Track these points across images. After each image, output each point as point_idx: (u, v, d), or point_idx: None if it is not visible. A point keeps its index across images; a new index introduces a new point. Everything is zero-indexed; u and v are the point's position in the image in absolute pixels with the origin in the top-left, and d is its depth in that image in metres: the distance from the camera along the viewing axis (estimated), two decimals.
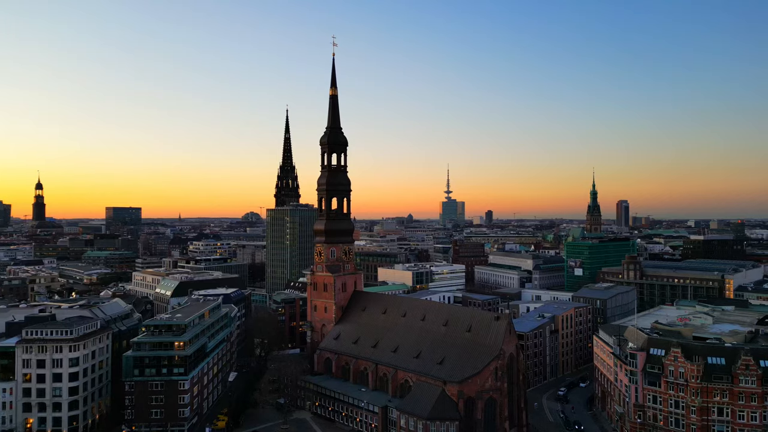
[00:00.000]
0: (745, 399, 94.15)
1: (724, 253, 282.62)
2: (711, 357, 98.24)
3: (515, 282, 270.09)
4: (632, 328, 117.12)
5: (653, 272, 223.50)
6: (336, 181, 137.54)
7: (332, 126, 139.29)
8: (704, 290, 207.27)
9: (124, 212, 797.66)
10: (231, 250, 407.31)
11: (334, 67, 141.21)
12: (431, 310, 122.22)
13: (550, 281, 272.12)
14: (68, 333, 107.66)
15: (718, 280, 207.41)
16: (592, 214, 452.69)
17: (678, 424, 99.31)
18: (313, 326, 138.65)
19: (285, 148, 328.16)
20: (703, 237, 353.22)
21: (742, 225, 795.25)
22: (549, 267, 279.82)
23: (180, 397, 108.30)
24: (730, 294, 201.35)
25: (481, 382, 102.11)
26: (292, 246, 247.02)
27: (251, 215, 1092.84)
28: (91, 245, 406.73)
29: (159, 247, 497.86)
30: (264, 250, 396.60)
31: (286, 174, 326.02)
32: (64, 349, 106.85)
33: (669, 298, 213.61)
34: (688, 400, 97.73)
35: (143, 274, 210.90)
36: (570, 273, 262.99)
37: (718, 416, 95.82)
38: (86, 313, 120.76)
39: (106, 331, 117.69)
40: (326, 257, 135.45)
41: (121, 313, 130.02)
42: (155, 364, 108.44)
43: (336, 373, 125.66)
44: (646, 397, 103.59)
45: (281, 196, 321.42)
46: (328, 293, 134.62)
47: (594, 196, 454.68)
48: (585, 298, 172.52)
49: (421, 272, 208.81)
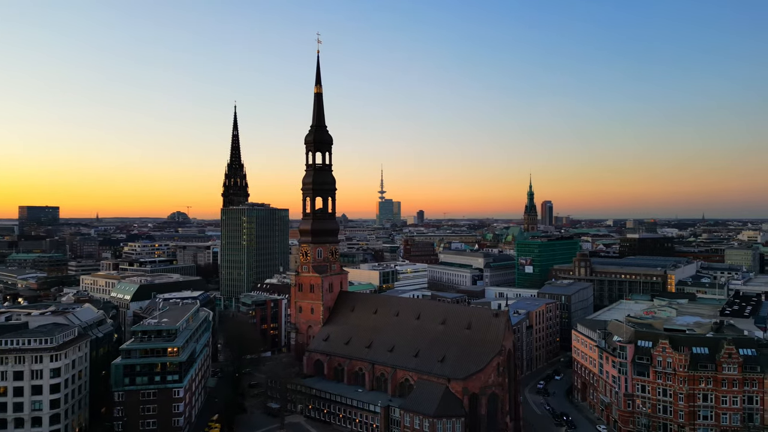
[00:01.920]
0: (728, 385, 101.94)
1: (657, 250, 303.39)
2: (696, 347, 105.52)
3: (468, 280, 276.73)
4: (615, 322, 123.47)
5: (602, 269, 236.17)
6: (321, 180, 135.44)
7: (317, 124, 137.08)
8: (649, 285, 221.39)
9: (39, 211, 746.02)
10: (170, 252, 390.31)
11: (318, 65, 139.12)
12: (426, 309, 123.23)
13: (500, 279, 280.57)
14: (48, 341, 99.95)
15: (662, 275, 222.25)
16: (529, 214, 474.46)
17: (666, 411, 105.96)
18: (298, 328, 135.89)
19: (233, 146, 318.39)
20: (638, 235, 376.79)
21: (654, 224, 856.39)
22: (499, 265, 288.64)
23: (174, 405, 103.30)
24: (672, 288, 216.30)
25: (484, 378, 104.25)
26: (249, 247, 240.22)
27: (178, 215, 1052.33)
28: (14, 247, 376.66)
29: (86, 248, 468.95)
30: (207, 252, 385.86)
31: (235, 172, 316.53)
32: (45, 359, 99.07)
33: (617, 293, 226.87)
34: (676, 388, 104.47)
35: (94, 278, 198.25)
36: (521, 270, 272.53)
37: (703, 402, 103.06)
38: (60, 320, 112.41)
39: (84, 339, 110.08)
40: (313, 257, 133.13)
41: (95, 319, 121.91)
42: (147, 371, 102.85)
43: (328, 375, 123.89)
44: (634, 387, 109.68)
45: (230, 195, 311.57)
46: (314, 294, 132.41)
47: (531, 197, 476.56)
48: (551, 295, 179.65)
49: (387, 272, 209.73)
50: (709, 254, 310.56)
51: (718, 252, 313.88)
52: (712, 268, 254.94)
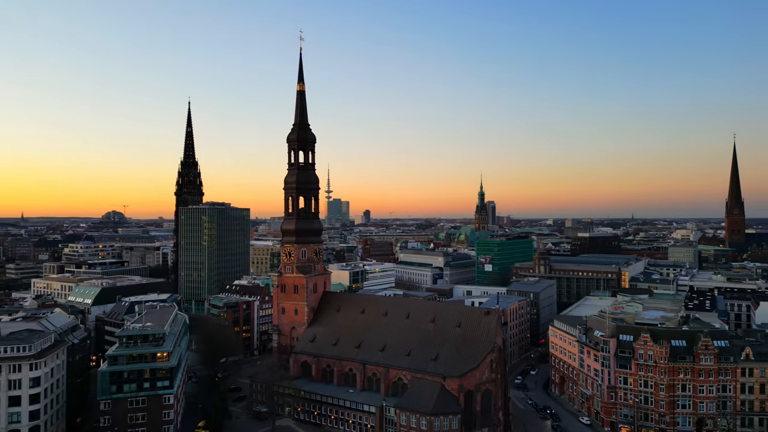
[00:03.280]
0: (705, 375, 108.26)
1: (606, 249, 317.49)
2: (674, 340, 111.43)
3: (428, 279, 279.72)
4: (595, 317, 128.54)
5: (560, 267, 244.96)
6: (305, 179, 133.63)
7: (300, 122, 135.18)
8: (605, 282, 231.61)
9: None
10: (115, 253, 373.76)
11: (301, 62, 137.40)
12: (415, 308, 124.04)
13: (460, 277, 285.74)
14: (27, 349, 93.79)
15: (616, 273, 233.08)
16: (480, 214, 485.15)
17: (647, 401, 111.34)
18: (281, 330, 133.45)
19: (187, 143, 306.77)
20: (588, 234, 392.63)
21: (591, 223, 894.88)
22: (458, 264, 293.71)
23: (164, 412, 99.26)
24: (626, 284, 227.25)
25: (479, 375, 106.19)
26: (210, 247, 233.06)
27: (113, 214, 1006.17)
28: None
29: (19, 250, 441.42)
30: (157, 252, 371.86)
31: (188, 170, 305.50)
32: (24, 367, 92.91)
33: (575, 290, 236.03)
34: (657, 379, 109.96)
35: (47, 281, 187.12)
36: (480, 269, 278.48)
37: (682, 392, 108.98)
38: (34, 326, 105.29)
39: (61, 345, 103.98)
40: (297, 258, 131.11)
41: (68, 324, 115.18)
42: (136, 378, 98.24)
43: (316, 377, 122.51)
44: (617, 379, 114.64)
45: (183, 194, 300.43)
46: (299, 295, 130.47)
47: (482, 198, 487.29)
48: (520, 292, 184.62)
49: (357, 271, 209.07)
50: (653, 252, 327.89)
51: (660, 250, 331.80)
52: (658, 265, 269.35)
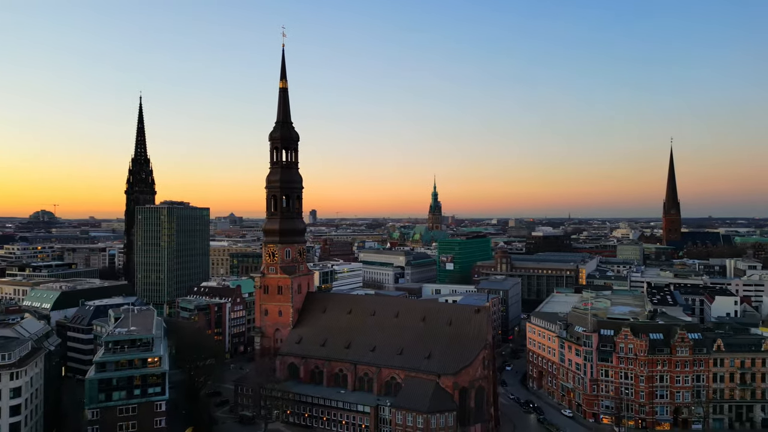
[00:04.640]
0: (681, 366, 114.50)
1: (559, 247, 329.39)
2: (652, 333, 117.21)
3: (390, 278, 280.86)
4: (574, 313, 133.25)
5: (521, 264, 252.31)
6: (288, 178, 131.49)
7: (283, 120, 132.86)
8: (564, 279, 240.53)
9: None
10: (55, 255, 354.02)
11: (284, 59, 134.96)
12: (404, 307, 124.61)
13: (421, 276, 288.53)
14: (7, 357, 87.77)
15: (574, 270, 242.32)
16: (434, 214, 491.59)
17: (628, 392, 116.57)
18: (264, 332, 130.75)
19: (138, 140, 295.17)
20: (542, 234, 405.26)
21: (533, 223, 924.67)
22: (419, 263, 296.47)
23: (156, 420, 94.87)
24: (583, 281, 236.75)
25: (473, 372, 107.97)
26: (169, 248, 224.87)
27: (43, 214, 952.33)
28: None
29: None
30: (103, 254, 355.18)
31: (140, 168, 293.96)
32: (4, 377, 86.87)
33: (536, 287, 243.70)
34: (637, 371, 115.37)
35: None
36: (442, 267, 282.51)
37: (660, 382, 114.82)
38: (8, 332, 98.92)
39: (39, 353, 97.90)
40: (281, 258, 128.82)
41: (42, 331, 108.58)
42: (126, 385, 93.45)
43: (304, 378, 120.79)
44: (599, 372, 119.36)
45: (134, 193, 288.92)
46: (283, 296, 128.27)
47: (435, 197, 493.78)
48: (490, 290, 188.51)
49: (326, 271, 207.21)
50: (601, 249, 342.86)
51: (608, 248, 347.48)
52: (609, 263, 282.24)
